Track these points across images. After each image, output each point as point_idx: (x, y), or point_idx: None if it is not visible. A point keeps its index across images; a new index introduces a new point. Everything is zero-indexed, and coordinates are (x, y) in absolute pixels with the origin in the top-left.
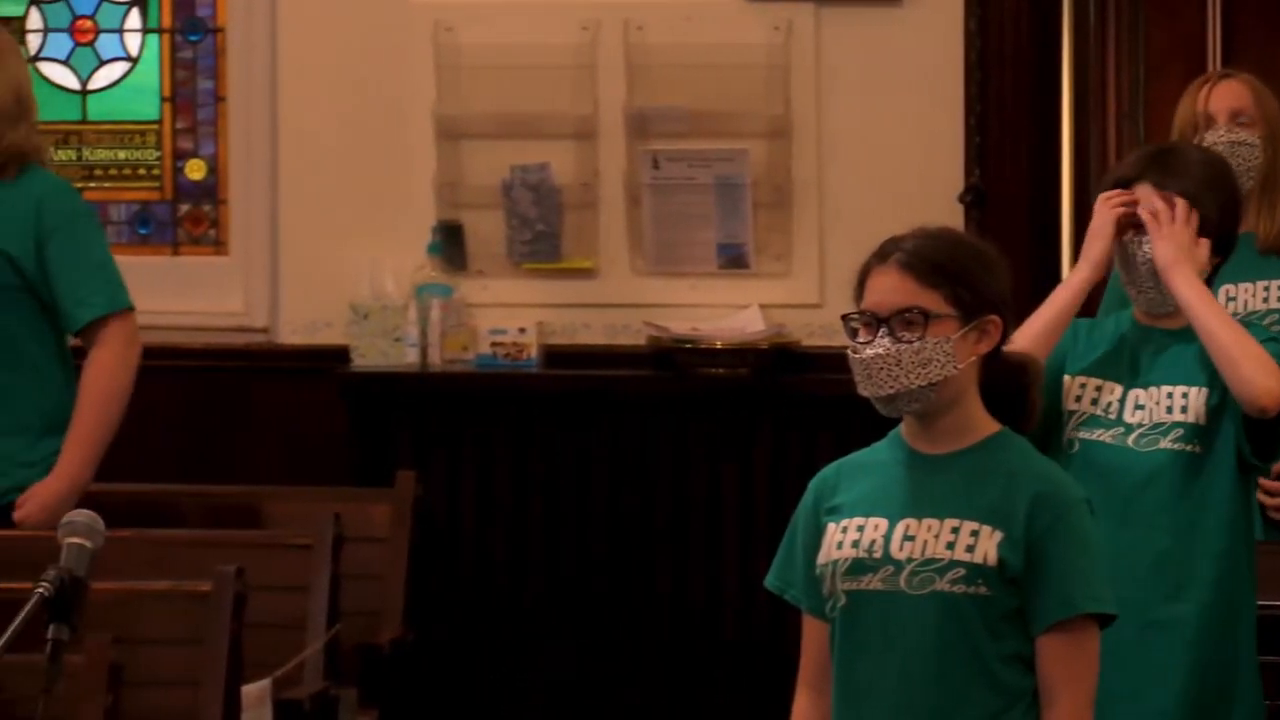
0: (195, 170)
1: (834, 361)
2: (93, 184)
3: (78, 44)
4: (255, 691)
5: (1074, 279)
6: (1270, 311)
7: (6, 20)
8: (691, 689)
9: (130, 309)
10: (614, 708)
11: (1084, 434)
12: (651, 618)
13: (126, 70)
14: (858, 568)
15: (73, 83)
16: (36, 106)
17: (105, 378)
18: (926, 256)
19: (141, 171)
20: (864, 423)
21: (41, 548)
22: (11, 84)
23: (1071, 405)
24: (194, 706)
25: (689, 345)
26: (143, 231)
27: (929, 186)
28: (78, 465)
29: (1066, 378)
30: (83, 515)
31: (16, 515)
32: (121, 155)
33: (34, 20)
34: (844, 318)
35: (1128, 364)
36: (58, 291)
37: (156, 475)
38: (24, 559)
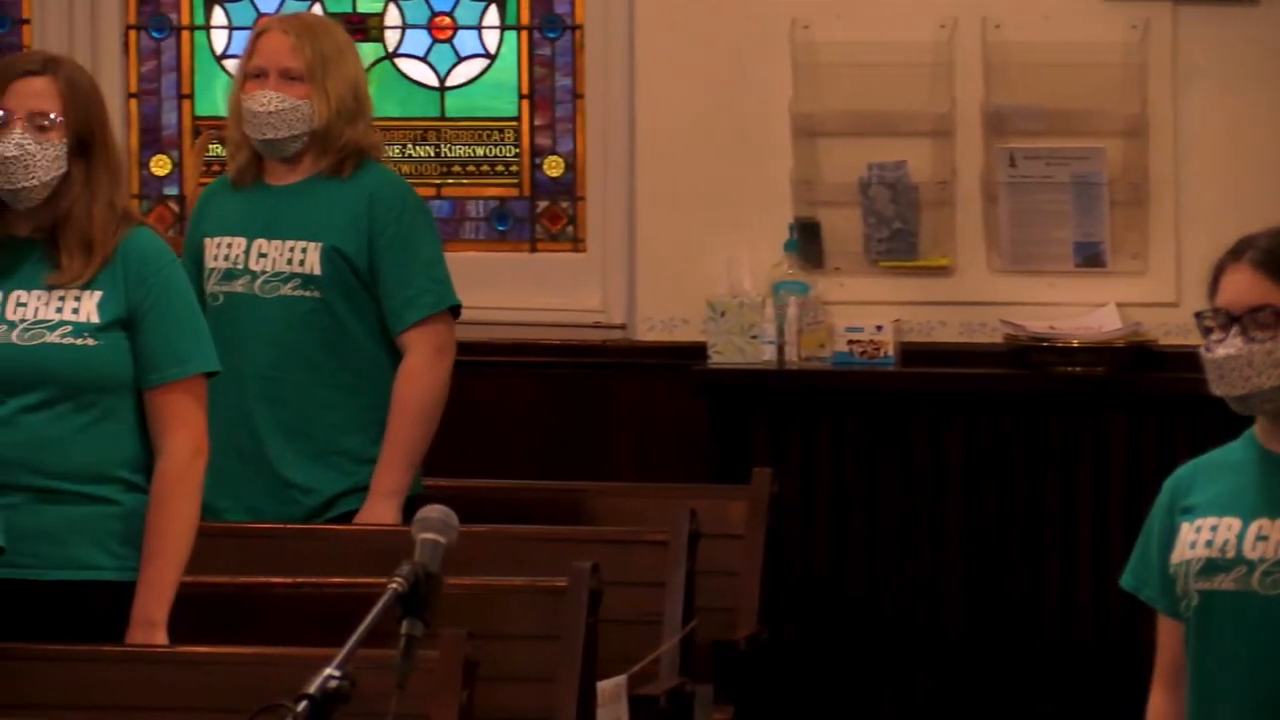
0: (553, 167)
1: (1191, 360)
2: (450, 180)
3: (436, 40)
4: (610, 687)
5: None
6: None
7: (364, 16)
8: (1044, 689)
9: (456, 308)
10: (965, 708)
11: None
12: (1005, 617)
13: (485, 67)
14: (1210, 568)
15: (431, 79)
16: (372, 104)
17: (416, 388)
18: None
19: (500, 168)
20: (1220, 422)
21: (397, 543)
22: (349, 81)
23: None
24: (549, 702)
25: (1046, 343)
26: (500, 228)
27: None
28: (395, 480)
29: None
30: (437, 511)
31: None
32: (480, 152)
33: (392, 16)
34: (1197, 315)
35: None
36: (385, 289)
37: (513, 471)
38: (380, 554)
